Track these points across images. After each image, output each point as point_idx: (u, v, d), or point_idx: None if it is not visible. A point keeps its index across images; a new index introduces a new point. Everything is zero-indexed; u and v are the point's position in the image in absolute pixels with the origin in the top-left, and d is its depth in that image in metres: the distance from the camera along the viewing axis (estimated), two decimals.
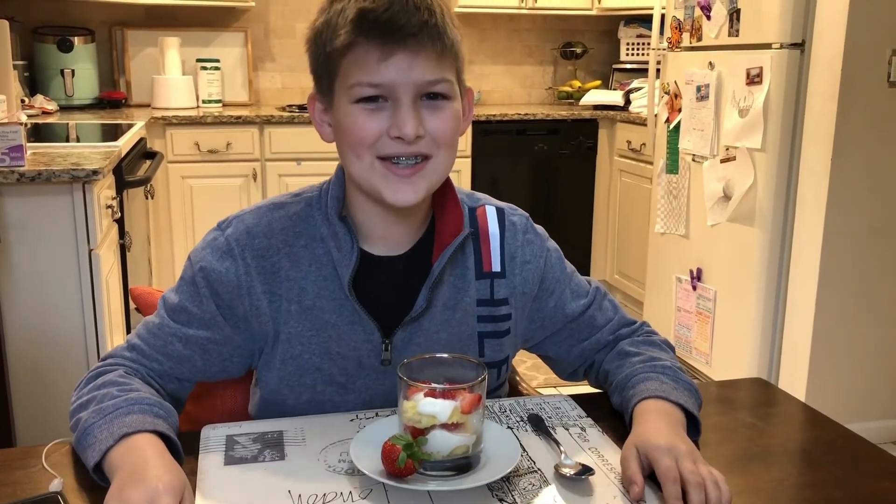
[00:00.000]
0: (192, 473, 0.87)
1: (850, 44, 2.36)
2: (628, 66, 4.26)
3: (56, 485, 0.84)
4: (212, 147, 3.50)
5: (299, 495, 0.83)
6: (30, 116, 3.08)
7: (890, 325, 2.59)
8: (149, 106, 3.82)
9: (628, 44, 4.27)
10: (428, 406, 0.83)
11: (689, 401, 0.99)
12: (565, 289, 1.11)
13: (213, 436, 0.96)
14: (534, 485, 0.87)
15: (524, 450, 0.94)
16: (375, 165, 0.96)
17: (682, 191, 3.01)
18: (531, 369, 2.88)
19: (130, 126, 2.86)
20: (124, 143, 2.45)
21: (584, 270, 4.00)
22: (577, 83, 4.40)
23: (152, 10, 3.89)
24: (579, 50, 4.43)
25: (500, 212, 1.10)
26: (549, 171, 3.96)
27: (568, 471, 0.87)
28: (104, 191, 2.11)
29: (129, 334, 1.05)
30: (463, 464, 0.85)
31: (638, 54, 4.24)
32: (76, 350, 1.98)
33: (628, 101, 3.86)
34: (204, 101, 3.87)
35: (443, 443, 0.83)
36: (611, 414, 1.05)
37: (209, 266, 1.01)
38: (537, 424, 1.00)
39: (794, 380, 2.57)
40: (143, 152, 2.97)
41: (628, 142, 3.76)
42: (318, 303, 1.01)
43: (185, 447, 0.92)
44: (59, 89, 3.64)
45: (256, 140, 3.56)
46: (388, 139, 0.94)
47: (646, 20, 3.87)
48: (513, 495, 0.84)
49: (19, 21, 3.42)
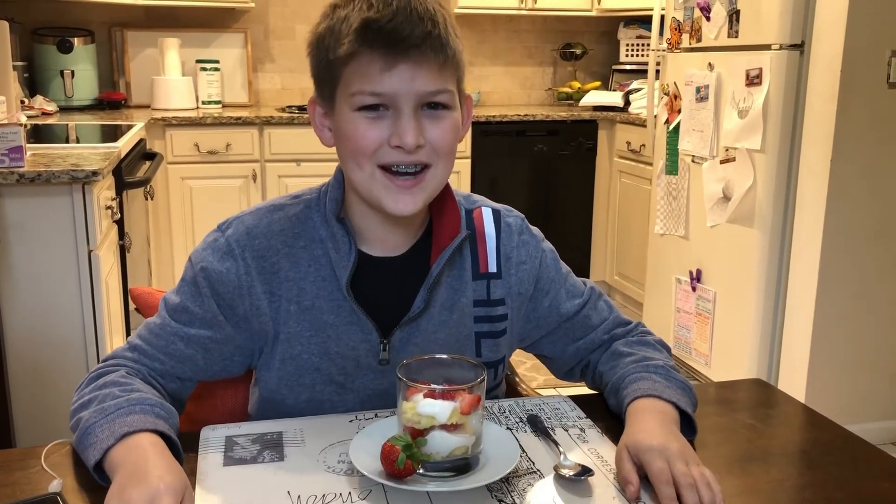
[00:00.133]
0: (192, 474, 0.87)
1: (850, 45, 2.36)
2: (628, 67, 4.26)
3: (55, 485, 0.84)
4: (211, 148, 3.50)
5: (298, 496, 0.83)
6: (29, 117, 3.09)
7: (889, 327, 2.59)
8: (148, 107, 3.82)
9: (628, 45, 4.28)
10: (427, 407, 0.83)
11: (682, 399, 0.99)
12: (560, 289, 1.12)
13: (213, 437, 0.97)
14: (533, 486, 0.87)
15: (523, 451, 0.94)
16: (376, 175, 0.97)
17: (681, 192, 3.01)
18: (531, 370, 2.88)
19: (130, 127, 2.86)
20: (124, 144, 2.45)
21: (583, 271, 4.03)
22: (576, 84, 4.40)
23: (152, 10, 3.89)
24: (579, 51, 4.43)
25: (496, 213, 1.11)
26: (548, 172, 3.96)
27: (567, 471, 0.88)
28: (104, 192, 2.11)
29: (129, 335, 1.05)
30: (462, 465, 0.85)
31: (637, 55, 4.24)
32: (76, 351, 1.98)
33: (628, 102, 3.87)
34: (203, 102, 3.87)
35: (442, 444, 0.84)
36: (610, 415, 1.05)
37: (210, 266, 1.01)
38: (536, 425, 1.00)
39: (794, 381, 2.57)
40: (142, 153, 2.97)
41: (628, 143, 3.76)
42: (317, 303, 1.02)
43: (185, 448, 0.92)
44: (58, 90, 3.64)
45: (256, 141, 3.56)
46: (388, 148, 0.95)
47: (645, 21, 3.88)
48: (512, 496, 0.84)
49: (19, 22, 3.43)
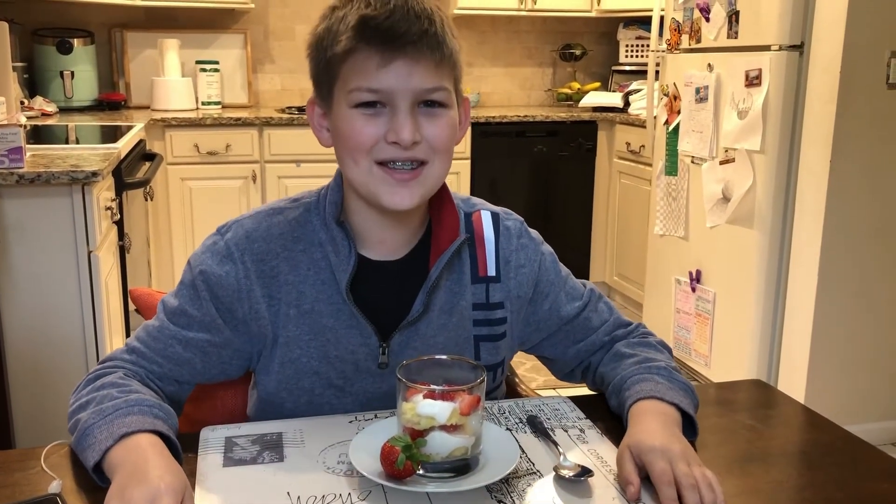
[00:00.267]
0: (192, 475, 0.87)
1: (849, 45, 2.36)
2: (627, 67, 4.26)
3: (55, 486, 0.84)
4: (211, 149, 3.50)
5: (298, 497, 0.83)
6: (29, 118, 3.08)
7: (889, 327, 2.59)
8: (148, 108, 3.82)
9: (627, 45, 4.28)
10: (427, 407, 0.83)
11: (684, 400, 0.99)
12: (560, 291, 1.12)
13: (212, 437, 0.97)
14: (533, 486, 0.87)
15: (523, 451, 0.94)
16: (374, 170, 0.97)
17: (681, 192, 3.01)
18: (530, 371, 2.88)
19: (130, 128, 2.86)
20: (124, 144, 2.45)
21: (583, 272, 4.03)
22: (576, 85, 4.40)
23: (152, 11, 3.89)
24: (578, 52, 4.43)
25: (494, 217, 1.11)
26: (548, 172, 3.96)
27: (567, 472, 0.88)
28: (103, 192, 2.11)
29: (128, 338, 1.05)
30: (462, 465, 0.85)
31: (637, 56, 4.24)
32: (75, 352, 1.98)
33: (627, 103, 3.87)
34: (203, 103, 3.87)
35: (442, 444, 0.84)
36: (609, 415, 1.05)
37: (209, 270, 1.01)
38: (536, 426, 1.00)
39: (794, 381, 2.57)
40: (142, 154, 2.97)
41: (627, 143, 3.76)
42: (317, 307, 1.02)
43: (184, 449, 0.92)
44: (58, 91, 3.64)
45: (256, 142, 3.56)
46: (384, 144, 0.96)
47: (645, 22, 3.88)
48: (512, 497, 0.84)
49: (19, 23, 3.42)
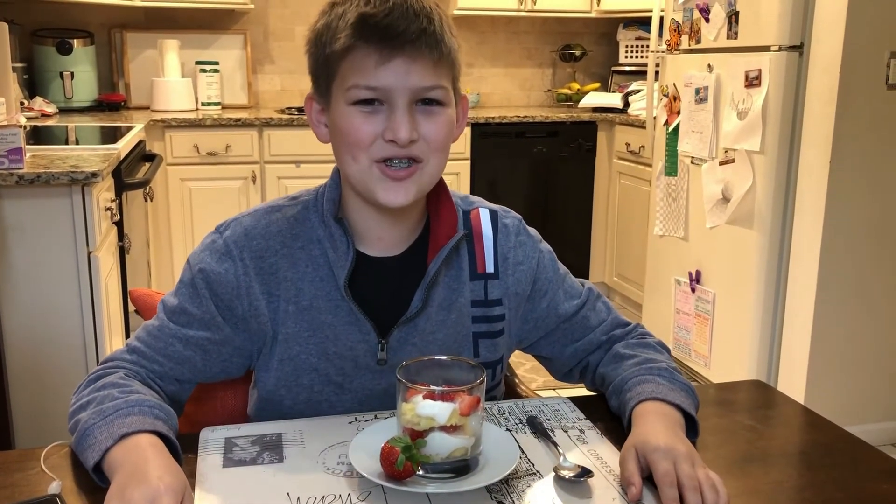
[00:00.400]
0: (191, 476, 0.87)
1: (849, 46, 2.36)
2: (627, 68, 4.26)
3: (55, 487, 0.84)
4: (211, 149, 3.50)
5: (298, 497, 0.83)
6: (29, 119, 3.08)
7: (889, 327, 2.59)
8: (148, 108, 3.82)
9: (627, 46, 4.28)
10: (427, 408, 0.83)
11: (685, 402, 0.99)
12: (558, 289, 1.12)
13: (212, 438, 0.97)
14: (532, 487, 0.87)
15: (523, 452, 0.94)
16: (372, 168, 0.97)
17: (680, 193, 3.01)
18: (530, 371, 2.88)
19: (129, 128, 2.86)
20: (123, 145, 2.45)
21: (582, 273, 4.03)
22: (575, 85, 4.40)
23: (151, 12, 3.89)
24: (578, 52, 4.43)
25: (493, 214, 1.11)
26: (547, 173, 3.96)
27: (567, 473, 0.87)
28: (103, 193, 2.11)
29: (128, 338, 1.05)
30: (462, 466, 0.85)
31: (637, 57, 4.24)
32: (75, 352, 1.98)
33: (627, 104, 3.87)
34: (203, 104, 3.87)
35: (441, 445, 0.84)
36: (609, 416, 1.05)
37: (208, 268, 1.01)
38: (536, 426, 1.00)
39: (793, 382, 2.57)
40: (142, 154, 2.97)
41: (627, 144, 3.76)
42: (315, 303, 1.02)
43: (184, 449, 0.92)
44: (58, 92, 3.64)
45: (255, 142, 3.56)
46: (382, 142, 0.96)
47: (644, 23, 3.88)
48: (511, 497, 0.84)
49: (18, 23, 3.42)
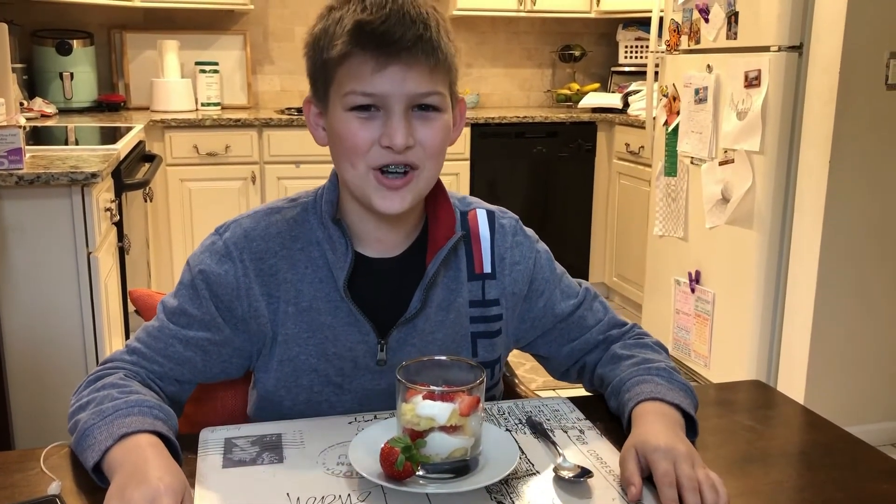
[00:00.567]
0: (191, 476, 0.87)
1: (848, 46, 2.36)
2: (627, 68, 4.26)
3: (54, 487, 0.84)
4: (210, 150, 3.50)
5: (298, 498, 0.83)
6: (28, 119, 3.08)
7: (889, 327, 2.59)
8: (147, 109, 3.82)
9: (627, 46, 4.28)
10: (426, 408, 0.83)
11: (685, 401, 0.99)
12: (555, 289, 1.12)
13: (212, 438, 0.97)
14: (532, 487, 0.87)
15: (523, 452, 0.94)
16: (369, 176, 0.98)
17: (680, 193, 3.01)
18: (530, 371, 2.88)
19: (129, 129, 2.86)
20: (123, 145, 2.45)
21: (582, 273, 4.03)
22: (575, 86, 4.40)
23: (151, 13, 3.89)
24: (578, 53, 4.43)
25: (490, 215, 1.12)
26: (547, 173, 3.96)
27: (566, 473, 0.88)
28: (103, 194, 2.11)
29: (128, 339, 1.05)
30: (461, 466, 0.85)
31: (636, 57, 4.24)
32: (75, 353, 1.98)
33: (627, 104, 3.87)
34: (203, 104, 3.87)
35: (441, 445, 0.84)
36: (609, 416, 1.05)
37: (208, 269, 1.02)
38: (535, 427, 1.00)
39: (793, 382, 2.57)
40: (141, 155, 2.97)
41: (627, 144, 3.76)
42: (315, 304, 1.02)
43: (184, 450, 0.92)
44: (57, 92, 3.64)
45: (255, 143, 3.56)
46: (379, 148, 0.96)
47: (644, 23, 3.88)
48: (511, 498, 0.84)
49: (18, 24, 3.42)
